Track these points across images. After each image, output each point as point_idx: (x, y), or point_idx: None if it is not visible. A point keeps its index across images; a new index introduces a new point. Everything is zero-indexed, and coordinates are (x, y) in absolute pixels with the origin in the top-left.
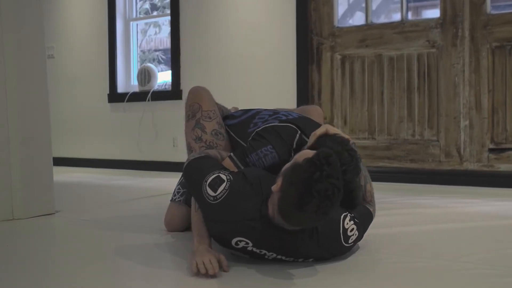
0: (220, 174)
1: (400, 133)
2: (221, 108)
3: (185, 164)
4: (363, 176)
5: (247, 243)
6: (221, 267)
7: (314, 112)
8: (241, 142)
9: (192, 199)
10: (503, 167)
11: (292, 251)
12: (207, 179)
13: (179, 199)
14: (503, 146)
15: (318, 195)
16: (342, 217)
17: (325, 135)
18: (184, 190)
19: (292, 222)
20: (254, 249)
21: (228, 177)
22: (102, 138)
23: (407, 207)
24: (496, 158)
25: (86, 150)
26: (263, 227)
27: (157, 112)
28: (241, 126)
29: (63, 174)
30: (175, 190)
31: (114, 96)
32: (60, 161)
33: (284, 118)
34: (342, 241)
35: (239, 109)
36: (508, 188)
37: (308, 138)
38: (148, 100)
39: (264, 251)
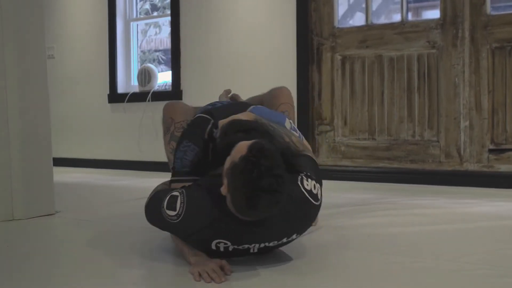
0: (172, 193)
1: (400, 134)
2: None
3: (145, 214)
4: (284, 134)
5: (226, 243)
6: (224, 272)
7: (280, 95)
8: None
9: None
10: (503, 167)
11: (271, 236)
12: (163, 205)
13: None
14: (503, 146)
15: (264, 193)
16: (299, 182)
17: (227, 123)
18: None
19: (252, 217)
20: (236, 247)
21: (179, 191)
22: (102, 138)
23: (407, 207)
24: (496, 159)
25: (86, 151)
26: (231, 224)
27: (157, 112)
28: None
29: (63, 175)
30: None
31: (114, 97)
32: (60, 161)
33: (207, 108)
34: (313, 202)
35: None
36: (508, 188)
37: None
38: (148, 101)
39: (246, 246)
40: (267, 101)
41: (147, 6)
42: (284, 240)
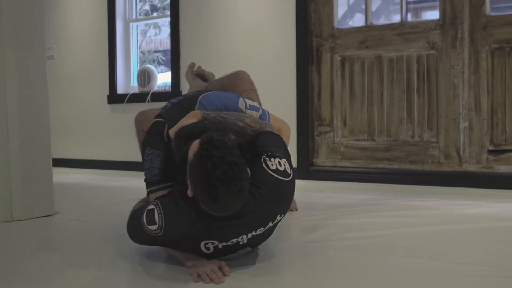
0: (148, 207)
1: (399, 135)
2: None
3: (129, 235)
4: (236, 119)
5: (214, 243)
6: (222, 272)
7: (240, 82)
8: None
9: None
10: (503, 168)
11: (254, 224)
12: (143, 221)
13: None
14: (503, 147)
15: (220, 183)
16: (263, 164)
17: (175, 136)
18: None
19: (221, 213)
20: (225, 244)
21: (154, 203)
22: (102, 139)
23: (406, 208)
24: (496, 160)
25: (86, 151)
26: (211, 222)
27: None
28: None
29: (62, 175)
30: None
31: (114, 97)
32: (59, 162)
33: (162, 111)
34: (283, 179)
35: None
36: (507, 189)
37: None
38: (148, 101)
39: (234, 240)
40: (229, 89)
41: (147, 7)
42: (270, 224)
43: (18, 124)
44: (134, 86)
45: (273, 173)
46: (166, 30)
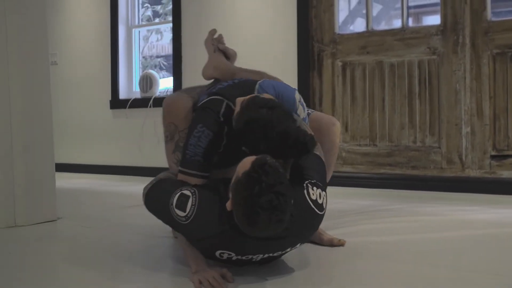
0: (182, 191)
1: (401, 140)
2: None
3: (144, 200)
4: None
5: (229, 254)
6: (225, 280)
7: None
8: None
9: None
10: (506, 173)
11: (275, 247)
12: (172, 202)
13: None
14: (505, 153)
15: (263, 210)
16: (305, 191)
17: (249, 99)
18: None
19: (255, 235)
20: (239, 257)
21: (192, 191)
22: (104, 144)
23: (409, 214)
24: (498, 165)
25: (88, 156)
26: (237, 236)
27: (159, 118)
28: None
29: (65, 180)
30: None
31: (116, 103)
32: (62, 167)
33: (215, 90)
34: (318, 212)
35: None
36: (510, 195)
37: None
38: (150, 107)
39: (249, 256)
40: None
41: (149, 12)
42: (288, 250)
43: (22, 129)
44: (136, 92)
45: (311, 204)
46: (168, 36)
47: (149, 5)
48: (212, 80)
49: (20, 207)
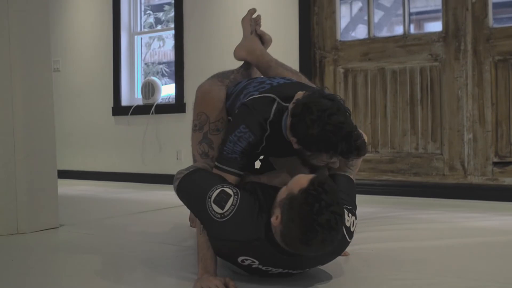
0: (224, 188)
1: (403, 147)
2: (231, 83)
3: (176, 184)
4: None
5: (253, 262)
6: None
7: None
8: None
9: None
10: (508, 180)
11: (298, 265)
12: (211, 195)
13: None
14: (508, 159)
15: (322, 229)
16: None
17: (314, 90)
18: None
19: (300, 252)
20: (260, 267)
21: (234, 191)
22: (106, 151)
23: (411, 221)
24: (501, 172)
25: (90, 163)
26: (269, 248)
27: (161, 125)
28: (231, 108)
29: (67, 187)
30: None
31: (118, 109)
32: (64, 174)
33: (267, 87)
34: (348, 239)
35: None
36: None
37: (288, 104)
38: (152, 113)
39: (270, 268)
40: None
41: (151, 19)
42: (307, 269)
43: (24, 136)
44: (138, 98)
45: (344, 231)
46: (170, 43)
47: (151, 12)
48: (243, 62)
49: (22, 214)
